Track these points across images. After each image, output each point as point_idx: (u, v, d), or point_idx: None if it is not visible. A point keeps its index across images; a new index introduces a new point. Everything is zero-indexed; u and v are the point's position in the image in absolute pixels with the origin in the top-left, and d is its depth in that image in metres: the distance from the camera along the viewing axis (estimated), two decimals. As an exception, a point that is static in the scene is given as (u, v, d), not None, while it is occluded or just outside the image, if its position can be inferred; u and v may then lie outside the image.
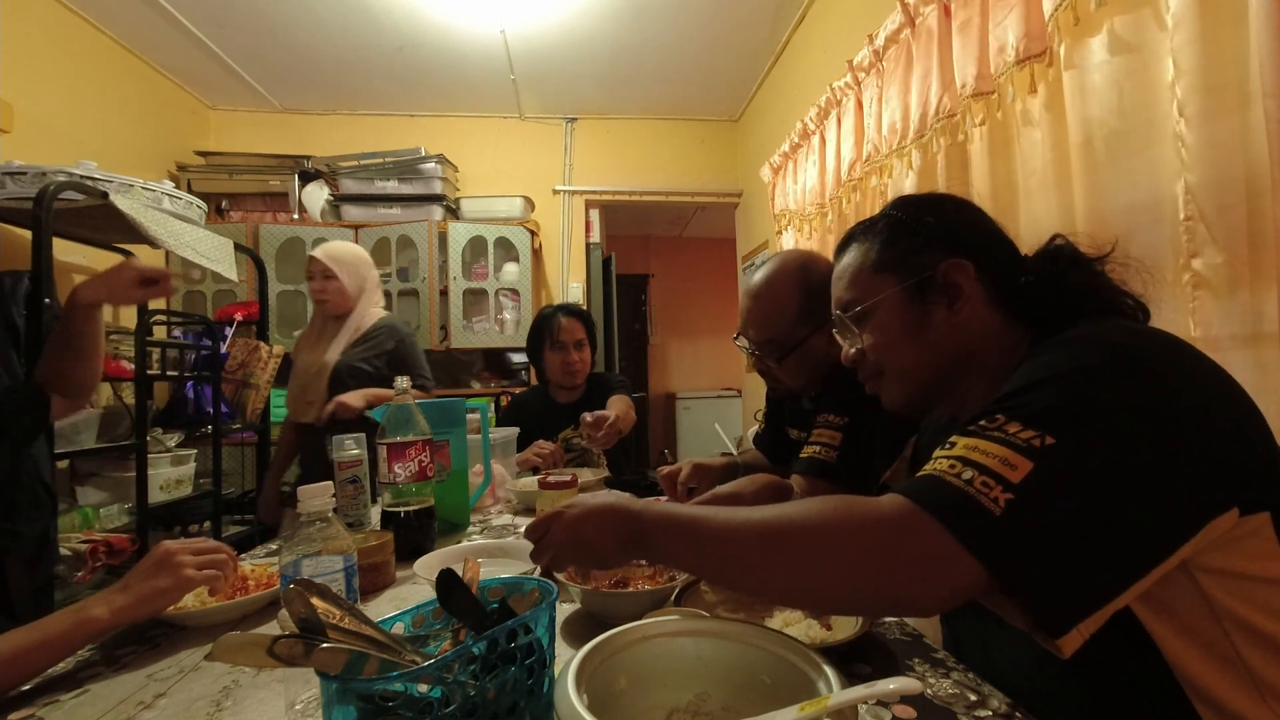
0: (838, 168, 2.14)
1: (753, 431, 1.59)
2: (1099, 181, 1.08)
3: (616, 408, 1.74)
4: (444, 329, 3.10)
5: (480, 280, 3.18)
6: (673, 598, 0.75)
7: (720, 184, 3.82)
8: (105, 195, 1.76)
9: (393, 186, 3.18)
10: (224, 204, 3.18)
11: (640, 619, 0.57)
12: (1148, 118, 1.01)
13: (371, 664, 0.44)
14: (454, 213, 3.31)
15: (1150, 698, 0.53)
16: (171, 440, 2.38)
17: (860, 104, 1.99)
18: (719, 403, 5.35)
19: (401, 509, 1.06)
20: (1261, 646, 0.50)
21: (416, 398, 1.63)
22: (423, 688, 0.45)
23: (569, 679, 0.45)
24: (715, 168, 3.83)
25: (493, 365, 3.46)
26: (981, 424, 0.52)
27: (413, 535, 1.05)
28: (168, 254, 2.11)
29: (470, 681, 0.45)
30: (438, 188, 3.18)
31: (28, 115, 2.27)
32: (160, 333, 2.62)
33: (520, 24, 2.74)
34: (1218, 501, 0.48)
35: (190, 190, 3.02)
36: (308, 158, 3.25)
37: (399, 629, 0.53)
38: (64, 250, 2.16)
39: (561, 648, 0.70)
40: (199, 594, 0.83)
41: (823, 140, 2.28)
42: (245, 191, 3.17)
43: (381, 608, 0.86)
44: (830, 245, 2.21)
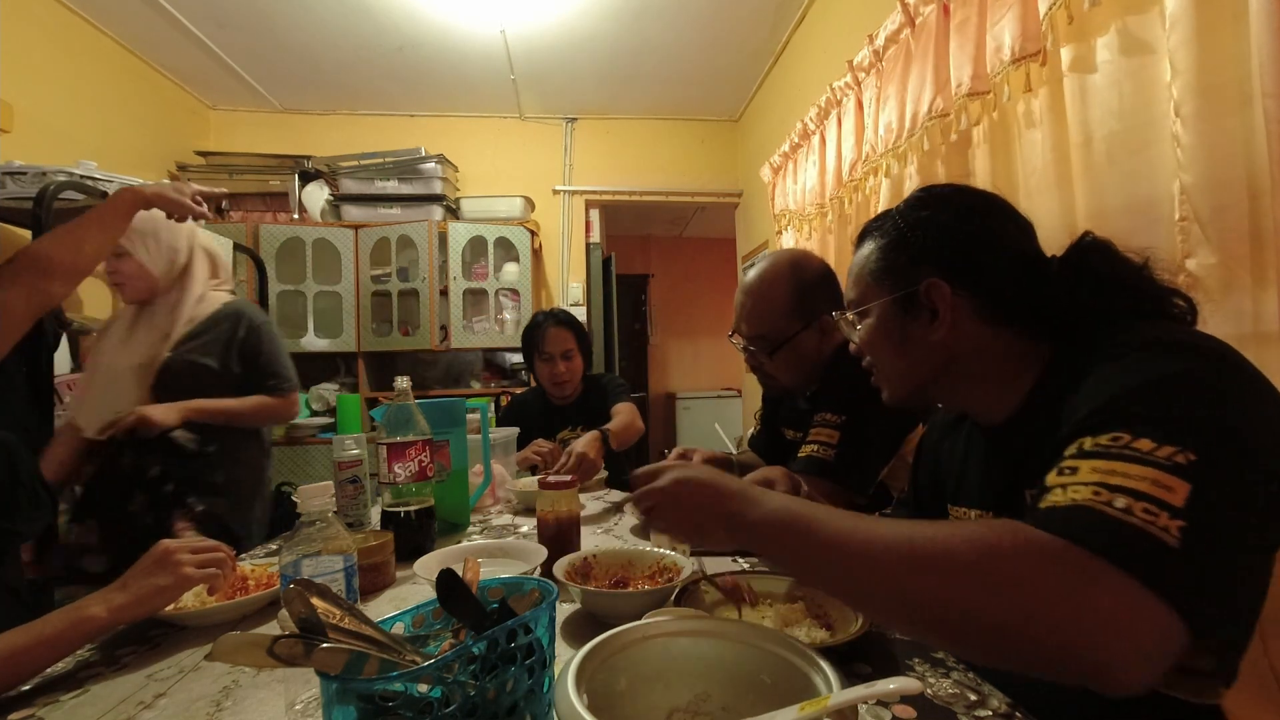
0: (838, 168, 2.14)
1: (750, 433, 1.59)
2: (1098, 182, 1.08)
3: (622, 416, 1.73)
4: (444, 329, 3.10)
5: (480, 280, 3.18)
6: (673, 598, 0.75)
7: (720, 184, 3.82)
8: (105, 195, 1.76)
9: (393, 186, 3.18)
10: (224, 204, 3.18)
11: (640, 619, 0.57)
12: (1146, 118, 1.01)
13: (371, 664, 0.44)
14: (454, 213, 3.31)
15: (1150, 697, 0.53)
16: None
17: (860, 104, 1.99)
18: (719, 403, 5.36)
19: (401, 509, 1.06)
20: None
21: (270, 403, 1.53)
22: (423, 688, 0.45)
23: (569, 679, 0.45)
24: (715, 168, 3.83)
25: (493, 365, 3.47)
26: (1102, 443, 0.46)
27: (413, 535, 1.05)
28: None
29: (470, 681, 0.44)
30: (438, 188, 3.18)
31: (28, 115, 2.27)
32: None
33: (520, 24, 2.74)
34: None
35: (190, 190, 3.01)
36: (308, 158, 3.25)
37: (399, 629, 0.53)
38: (64, 250, 2.16)
39: (561, 648, 0.70)
40: (199, 594, 0.83)
41: (823, 140, 2.28)
42: (245, 191, 3.17)
43: (381, 608, 0.86)
44: (830, 245, 2.21)
